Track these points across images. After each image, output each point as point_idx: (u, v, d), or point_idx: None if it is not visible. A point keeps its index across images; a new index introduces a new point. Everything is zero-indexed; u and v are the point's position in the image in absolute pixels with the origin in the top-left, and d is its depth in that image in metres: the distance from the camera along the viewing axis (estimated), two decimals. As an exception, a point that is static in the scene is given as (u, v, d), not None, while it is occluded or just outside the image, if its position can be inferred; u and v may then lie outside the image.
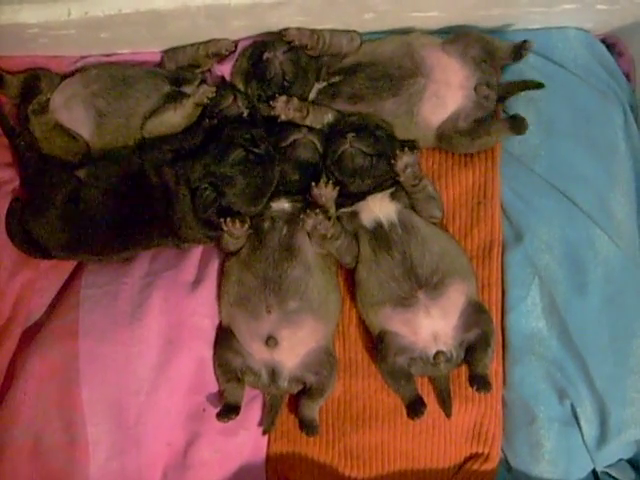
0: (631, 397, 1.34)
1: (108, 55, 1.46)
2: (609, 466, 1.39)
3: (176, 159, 1.34)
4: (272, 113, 1.36)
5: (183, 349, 1.34)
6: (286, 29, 1.36)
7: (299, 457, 1.39)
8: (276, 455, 1.39)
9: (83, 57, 1.45)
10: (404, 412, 1.34)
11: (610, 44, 1.52)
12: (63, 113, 1.37)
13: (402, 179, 1.31)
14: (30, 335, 1.36)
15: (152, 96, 1.39)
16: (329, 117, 1.39)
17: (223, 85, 1.43)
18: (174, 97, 1.38)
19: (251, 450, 1.38)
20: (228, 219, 1.29)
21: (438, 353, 1.29)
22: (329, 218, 1.30)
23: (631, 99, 1.49)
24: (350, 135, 1.32)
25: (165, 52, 1.46)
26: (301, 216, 1.30)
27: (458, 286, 1.31)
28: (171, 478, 1.34)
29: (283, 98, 1.35)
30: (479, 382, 1.28)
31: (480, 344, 1.31)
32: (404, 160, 1.29)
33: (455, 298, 1.31)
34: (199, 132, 1.36)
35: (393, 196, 1.35)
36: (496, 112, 1.41)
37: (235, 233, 1.30)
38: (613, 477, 1.40)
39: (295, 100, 1.36)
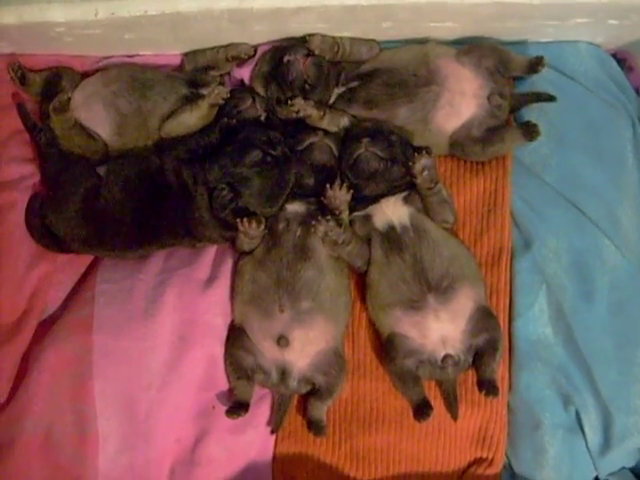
0: (635, 405, 1.36)
1: (130, 56, 1.49)
2: (612, 474, 1.40)
3: (194, 159, 1.36)
4: (291, 109, 1.37)
5: (195, 346, 1.35)
6: (310, 36, 1.38)
7: (305, 457, 1.40)
8: (283, 455, 1.40)
9: (106, 57, 1.48)
10: (410, 415, 1.36)
11: (620, 59, 1.55)
12: (82, 111, 1.40)
13: (419, 181, 1.32)
14: (45, 328, 1.37)
15: (170, 98, 1.42)
16: (345, 121, 1.42)
17: (242, 88, 1.46)
18: (191, 99, 1.41)
19: (258, 449, 1.39)
20: (244, 219, 1.31)
21: (446, 357, 1.31)
22: (340, 225, 1.32)
23: (640, 113, 1.52)
24: (365, 139, 1.34)
25: (186, 55, 1.49)
26: (313, 222, 1.32)
27: (467, 291, 1.33)
28: (178, 474, 1.35)
29: (300, 98, 1.38)
30: (487, 387, 1.29)
31: (488, 349, 1.32)
32: (422, 162, 1.31)
33: (464, 303, 1.32)
34: (216, 132, 1.38)
35: (406, 200, 1.37)
36: (508, 122, 1.44)
37: (251, 233, 1.32)
38: (616, 485, 1.41)
39: (312, 101, 1.39)
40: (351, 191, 1.34)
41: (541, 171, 1.44)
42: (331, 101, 1.45)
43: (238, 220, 1.31)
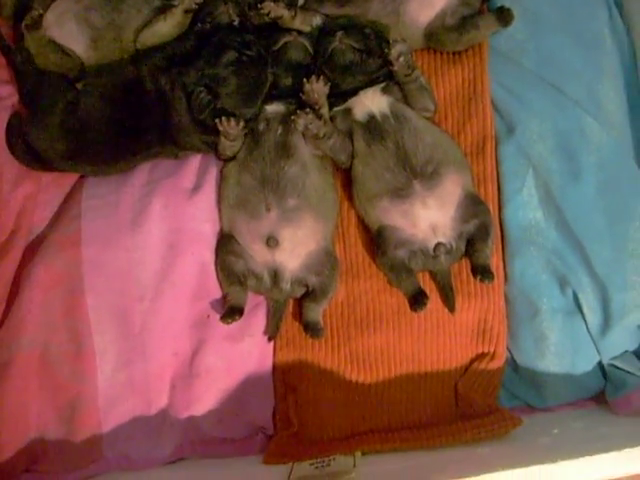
0: (632, 281, 1.34)
1: (99, -26, 1.48)
2: (615, 358, 1.38)
3: (170, 66, 1.36)
4: (262, 12, 1.38)
5: (185, 254, 1.35)
6: None
7: (305, 364, 1.38)
8: (282, 363, 1.38)
9: (75, -23, 1.48)
10: (408, 312, 1.35)
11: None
12: (55, 30, 1.39)
13: (396, 68, 1.32)
14: (33, 248, 1.37)
15: (143, 10, 1.41)
16: (317, 20, 1.42)
17: (214, -5, 1.46)
18: (164, 10, 1.41)
19: (257, 358, 1.37)
20: (223, 118, 1.31)
21: (438, 245, 1.31)
22: (320, 117, 1.32)
23: (616, -5, 1.51)
24: (339, 33, 1.34)
25: (156, -33, 1.48)
26: (292, 117, 1.31)
27: (453, 176, 1.32)
28: (179, 388, 1.34)
29: (270, 1, 1.38)
30: (482, 272, 1.28)
31: (480, 234, 1.32)
32: (397, 48, 1.31)
33: (451, 188, 1.32)
34: (191, 38, 1.39)
35: (384, 90, 1.36)
36: (482, 10, 1.44)
37: (231, 133, 1.32)
38: (620, 369, 1.39)
39: (282, 3, 1.39)
40: (329, 83, 1.34)
41: (519, 56, 1.43)
42: (302, 2, 1.45)
43: (217, 120, 1.31)
